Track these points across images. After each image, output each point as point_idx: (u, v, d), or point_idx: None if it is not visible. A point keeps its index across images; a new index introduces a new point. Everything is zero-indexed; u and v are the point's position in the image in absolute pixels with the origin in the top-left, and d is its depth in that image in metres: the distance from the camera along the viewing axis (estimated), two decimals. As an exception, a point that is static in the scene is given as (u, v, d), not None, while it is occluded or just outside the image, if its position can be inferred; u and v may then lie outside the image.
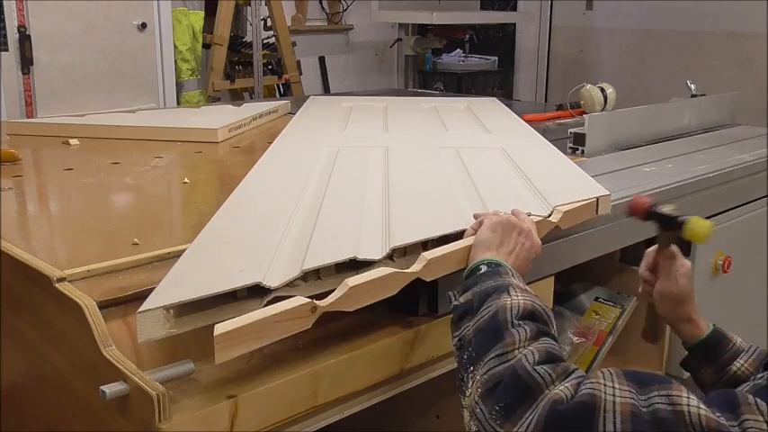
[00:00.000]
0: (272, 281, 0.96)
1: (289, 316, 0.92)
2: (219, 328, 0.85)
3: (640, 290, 1.32)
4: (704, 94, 2.59)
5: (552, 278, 1.41)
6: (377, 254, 1.07)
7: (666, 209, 1.23)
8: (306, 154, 1.69)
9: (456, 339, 0.95)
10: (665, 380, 0.79)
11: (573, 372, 0.82)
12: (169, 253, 1.13)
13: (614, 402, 0.76)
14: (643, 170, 1.86)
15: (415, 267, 1.06)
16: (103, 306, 0.97)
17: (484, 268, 1.02)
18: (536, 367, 0.82)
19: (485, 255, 1.06)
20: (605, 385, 0.78)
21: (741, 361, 1.20)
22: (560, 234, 1.36)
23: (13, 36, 3.44)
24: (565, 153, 1.85)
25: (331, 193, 1.36)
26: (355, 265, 1.06)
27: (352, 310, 0.99)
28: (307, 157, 1.65)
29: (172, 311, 0.90)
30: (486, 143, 1.87)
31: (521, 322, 0.88)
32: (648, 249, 1.28)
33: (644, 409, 0.76)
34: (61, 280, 1.02)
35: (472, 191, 1.39)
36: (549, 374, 0.81)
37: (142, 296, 0.99)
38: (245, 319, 0.88)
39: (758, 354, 1.21)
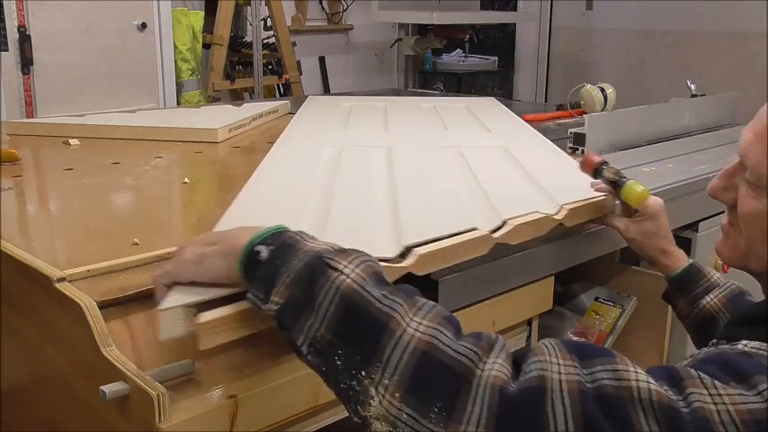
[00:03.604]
0: None
1: None
2: (203, 317, 0.86)
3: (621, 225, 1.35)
4: (704, 94, 2.59)
5: (552, 278, 1.41)
6: (390, 252, 1.07)
7: (608, 173, 1.31)
8: (309, 155, 1.69)
9: (304, 346, 0.76)
10: (608, 353, 0.73)
11: (495, 343, 0.73)
12: (169, 253, 1.13)
13: (561, 381, 0.68)
14: (643, 170, 1.86)
15: (407, 262, 1.06)
16: (103, 306, 0.97)
17: (264, 251, 0.82)
18: (454, 346, 0.70)
19: (244, 236, 0.84)
20: (551, 362, 0.70)
21: (712, 296, 1.24)
22: (560, 234, 1.36)
23: (13, 36, 3.44)
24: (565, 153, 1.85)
25: (338, 194, 1.36)
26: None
27: None
28: (310, 158, 1.64)
29: (192, 309, 0.90)
30: (488, 142, 1.87)
31: (384, 293, 0.74)
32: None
33: (588, 385, 0.69)
34: (61, 280, 1.02)
35: (478, 190, 1.39)
36: (474, 351, 0.70)
37: (142, 296, 0.99)
38: (230, 308, 0.88)
39: (730, 290, 1.25)
